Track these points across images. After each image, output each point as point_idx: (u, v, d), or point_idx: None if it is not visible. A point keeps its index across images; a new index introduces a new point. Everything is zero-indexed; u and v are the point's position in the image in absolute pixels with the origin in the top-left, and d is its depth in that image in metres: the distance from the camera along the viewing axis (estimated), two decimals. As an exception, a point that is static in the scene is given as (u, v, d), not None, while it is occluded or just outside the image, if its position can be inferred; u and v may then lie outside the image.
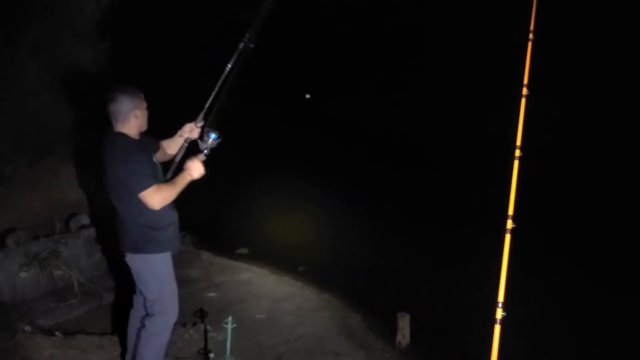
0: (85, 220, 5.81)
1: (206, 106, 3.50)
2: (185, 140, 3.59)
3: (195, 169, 3.26)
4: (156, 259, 3.38)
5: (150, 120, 3.48)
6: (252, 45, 3.46)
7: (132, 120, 3.28)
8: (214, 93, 3.46)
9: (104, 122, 3.39)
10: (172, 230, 3.42)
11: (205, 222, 7.62)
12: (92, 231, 5.62)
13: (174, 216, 3.44)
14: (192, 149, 3.54)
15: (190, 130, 3.57)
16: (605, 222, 8.20)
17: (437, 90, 13.63)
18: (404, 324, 4.94)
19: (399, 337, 4.95)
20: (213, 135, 3.34)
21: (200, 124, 3.55)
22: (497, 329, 2.75)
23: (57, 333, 4.51)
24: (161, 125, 3.72)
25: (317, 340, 4.83)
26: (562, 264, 6.78)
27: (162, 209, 3.24)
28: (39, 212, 5.82)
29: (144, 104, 3.36)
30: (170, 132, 3.68)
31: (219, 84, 3.44)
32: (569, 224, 8.16)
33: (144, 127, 3.39)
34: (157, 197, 3.15)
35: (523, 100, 3.15)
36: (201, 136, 3.43)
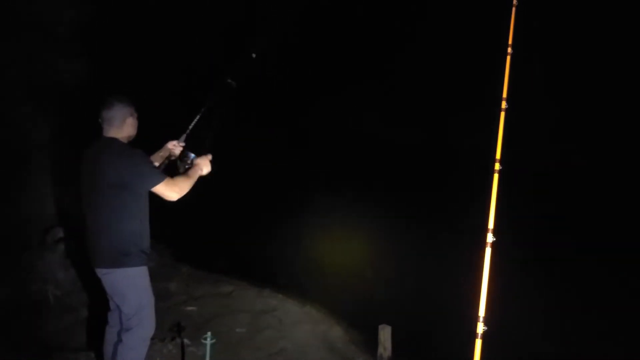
0: (61, 233, 5.72)
1: (190, 128, 3.70)
2: (166, 158, 3.71)
3: (205, 165, 3.47)
4: (136, 272, 3.35)
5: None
6: (234, 84, 3.72)
7: (125, 127, 3.38)
8: (197, 118, 3.69)
9: (82, 135, 3.37)
10: (148, 242, 3.40)
11: (185, 235, 7.56)
12: (68, 245, 5.52)
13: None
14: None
15: (173, 148, 3.72)
16: (587, 233, 8.30)
17: (419, 103, 13.74)
18: (385, 336, 4.91)
19: (380, 350, 4.91)
20: (193, 156, 3.53)
21: (183, 143, 3.71)
22: (478, 343, 2.73)
23: (31, 350, 4.40)
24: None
25: (298, 353, 4.78)
26: (543, 277, 6.83)
27: (144, 219, 3.31)
28: (15, 225, 5.71)
29: (136, 114, 3.46)
30: (147, 144, 3.67)
31: (202, 111, 3.67)
32: (551, 236, 8.25)
33: (132, 136, 3.47)
34: (175, 188, 3.25)
35: (502, 114, 3.16)
36: (181, 156, 3.60)
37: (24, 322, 4.88)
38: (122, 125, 3.36)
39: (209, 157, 3.53)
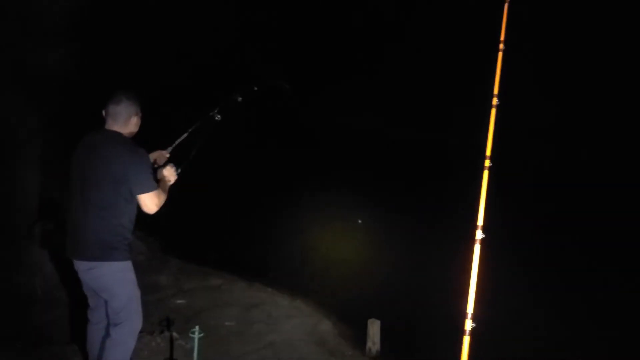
0: (49, 225, 5.67)
1: (176, 142, 3.80)
2: (153, 163, 3.67)
3: (171, 174, 3.52)
4: (124, 266, 3.33)
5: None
6: (219, 118, 3.86)
7: (129, 125, 3.37)
8: (183, 136, 3.80)
9: (70, 126, 3.34)
10: (132, 236, 3.38)
11: (175, 227, 7.52)
12: (56, 237, 5.47)
13: None
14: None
15: (159, 156, 3.75)
16: (576, 230, 8.34)
17: (410, 99, 13.73)
18: (374, 330, 4.92)
19: (369, 344, 4.93)
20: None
21: (168, 155, 3.77)
22: (466, 340, 2.73)
23: (17, 343, 4.37)
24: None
25: (287, 347, 4.77)
26: (532, 275, 6.85)
27: (133, 216, 3.32)
28: (2, 217, 5.65)
29: (141, 114, 3.45)
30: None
31: (188, 132, 3.80)
32: (541, 234, 8.28)
33: (134, 134, 3.45)
34: (157, 201, 3.29)
35: (493, 110, 3.15)
36: (163, 165, 3.64)
37: (10, 314, 4.83)
38: (127, 123, 3.34)
39: (170, 165, 3.57)
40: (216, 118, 3.86)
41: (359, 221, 8.94)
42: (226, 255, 7.32)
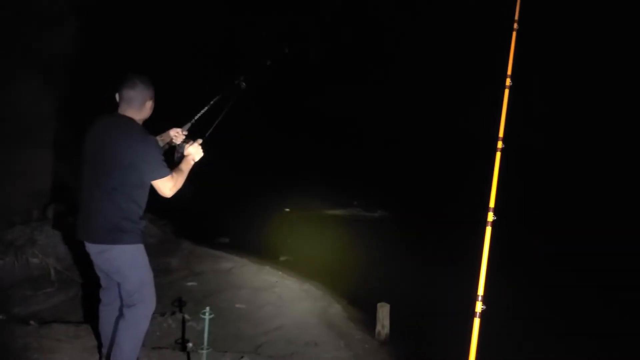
0: (62, 208, 5.72)
1: (195, 118, 3.66)
2: (167, 144, 3.64)
3: (197, 152, 3.44)
4: (134, 249, 3.32)
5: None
6: (244, 85, 3.72)
7: (144, 110, 3.32)
8: (204, 110, 3.65)
9: (82, 110, 3.33)
10: (144, 221, 3.38)
11: (186, 210, 7.55)
12: (69, 219, 5.52)
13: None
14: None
15: (175, 135, 3.64)
16: (587, 216, 8.29)
17: (417, 84, 13.65)
18: (383, 314, 4.93)
19: (378, 328, 4.94)
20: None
21: (185, 132, 3.65)
22: (477, 322, 2.72)
23: (32, 322, 4.42)
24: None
25: (297, 330, 4.79)
26: (543, 258, 6.83)
27: (144, 200, 3.28)
28: (16, 199, 5.71)
29: (154, 98, 3.38)
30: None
31: (210, 104, 3.65)
32: (551, 217, 8.23)
33: (146, 119, 3.41)
34: (171, 185, 3.23)
35: (506, 92, 3.09)
36: (180, 144, 3.56)
37: (25, 295, 4.90)
38: (141, 108, 3.29)
39: (199, 141, 3.48)
40: (242, 86, 3.72)
41: (286, 210, 8.96)
42: (237, 239, 7.36)
